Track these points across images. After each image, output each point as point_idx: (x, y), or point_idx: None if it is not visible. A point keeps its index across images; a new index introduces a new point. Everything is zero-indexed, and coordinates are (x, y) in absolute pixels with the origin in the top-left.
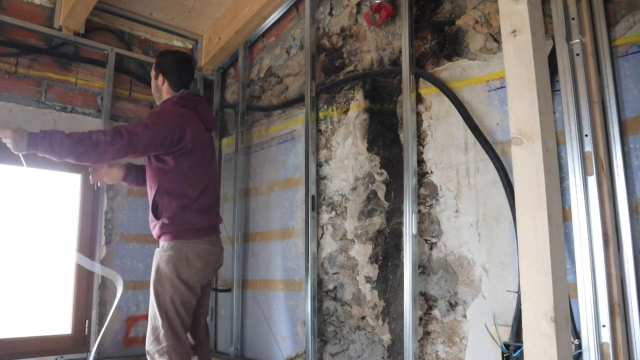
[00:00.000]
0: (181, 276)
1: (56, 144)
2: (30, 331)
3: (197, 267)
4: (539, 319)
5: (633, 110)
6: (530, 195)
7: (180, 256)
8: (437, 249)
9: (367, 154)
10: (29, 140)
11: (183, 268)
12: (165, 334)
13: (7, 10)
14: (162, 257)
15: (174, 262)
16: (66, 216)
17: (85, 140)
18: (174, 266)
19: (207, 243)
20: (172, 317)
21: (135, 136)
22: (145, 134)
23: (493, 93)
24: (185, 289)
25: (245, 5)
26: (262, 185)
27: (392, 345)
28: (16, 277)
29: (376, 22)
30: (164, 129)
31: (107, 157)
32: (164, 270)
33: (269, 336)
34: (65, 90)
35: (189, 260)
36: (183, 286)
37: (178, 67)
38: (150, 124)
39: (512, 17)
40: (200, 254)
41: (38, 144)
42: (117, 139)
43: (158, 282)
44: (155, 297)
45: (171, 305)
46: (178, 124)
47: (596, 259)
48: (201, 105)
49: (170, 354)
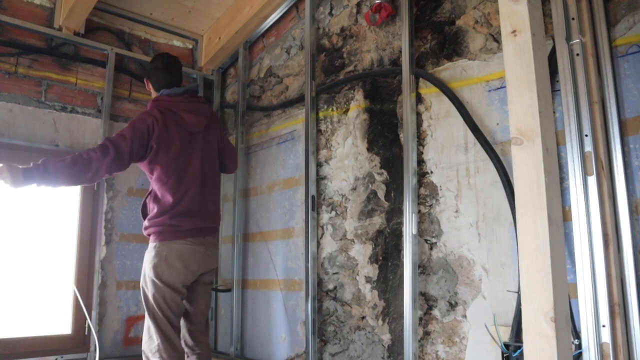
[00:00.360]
0: (161, 277)
1: (52, 171)
2: (30, 331)
3: (177, 268)
4: (539, 319)
5: (633, 110)
6: (530, 195)
7: (159, 257)
8: (437, 249)
9: (367, 154)
10: (25, 174)
11: (163, 268)
12: (156, 332)
13: (7, 10)
14: (146, 257)
15: (153, 262)
16: (66, 216)
17: (78, 160)
18: (153, 266)
19: (190, 244)
20: (158, 316)
21: (118, 148)
22: (123, 145)
23: (493, 93)
24: (166, 288)
25: (245, 5)
26: (262, 185)
27: (392, 345)
28: (16, 277)
29: (376, 22)
30: (135, 137)
31: (102, 172)
32: (146, 270)
33: (269, 336)
34: (65, 90)
35: (167, 261)
36: (164, 286)
37: (158, 69)
38: (125, 134)
39: (512, 17)
40: (180, 255)
41: (34, 175)
42: (106, 153)
43: (143, 282)
44: (143, 297)
45: (155, 305)
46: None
47: (596, 259)
48: (180, 105)
49: (161, 352)
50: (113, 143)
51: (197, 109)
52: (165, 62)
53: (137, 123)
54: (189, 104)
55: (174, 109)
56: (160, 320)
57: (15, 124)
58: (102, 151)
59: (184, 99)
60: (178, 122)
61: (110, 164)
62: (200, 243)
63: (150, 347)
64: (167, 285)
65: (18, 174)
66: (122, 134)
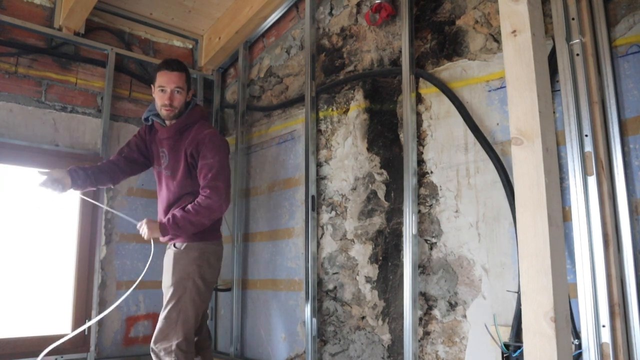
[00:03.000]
0: (205, 277)
1: (181, 225)
2: (30, 331)
3: (216, 268)
4: (539, 319)
5: (633, 110)
6: (530, 195)
7: (203, 257)
8: (437, 249)
9: (367, 154)
10: (161, 229)
11: (206, 269)
12: (180, 331)
13: (7, 10)
14: (183, 257)
15: (198, 262)
16: (66, 216)
17: (201, 213)
18: (199, 266)
19: (221, 245)
20: (190, 318)
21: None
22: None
23: (493, 93)
24: (206, 290)
25: (245, 5)
26: (262, 185)
27: (392, 345)
28: (16, 277)
29: (376, 22)
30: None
31: (216, 215)
32: (189, 270)
33: (269, 336)
34: (65, 90)
35: (210, 261)
36: (205, 287)
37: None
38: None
39: (512, 17)
40: (218, 255)
41: (169, 230)
42: (215, 196)
43: (179, 282)
44: (176, 297)
45: (192, 306)
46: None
47: (596, 259)
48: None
49: (177, 353)
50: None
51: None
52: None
53: (225, 149)
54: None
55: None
56: (189, 321)
57: (15, 124)
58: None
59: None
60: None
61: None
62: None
63: (164, 347)
64: (208, 287)
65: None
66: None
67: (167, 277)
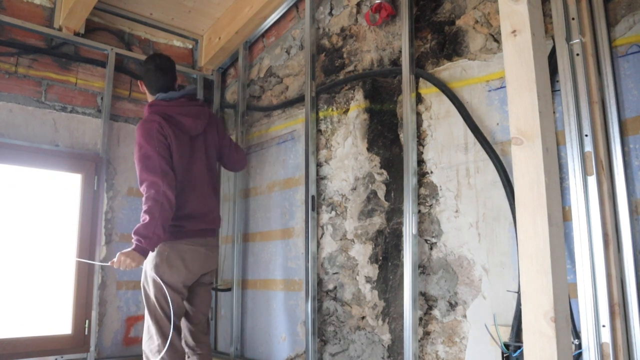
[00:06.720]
0: (162, 276)
1: (149, 235)
2: (30, 331)
3: (178, 268)
4: (539, 319)
5: (633, 110)
6: (530, 195)
7: (161, 256)
8: (437, 249)
9: (367, 154)
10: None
11: (164, 268)
12: (157, 332)
13: (7, 10)
14: (148, 258)
15: (155, 262)
16: (66, 216)
17: (152, 209)
18: (155, 266)
19: (191, 244)
20: (159, 316)
21: (159, 171)
22: (157, 163)
23: (493, 93)
24: (167, 288)
25: (245, 5)
26: (262, 185)
27: (392, 345)
28: (16, 277)
29: (376, 22)
30: (156, 146)
31: (168, 197)
32: (147, 269)
33: (269, 336)
34: (65, 90)
35: (169, 261)
36: (165, 286)
37: (150, 70)
38: (149, 154)
39: (512, 17)
40: (181, 255)
41: (144, 247)
42: (151, 189)
43: (144, 282)
44: (144, 297)
45: (157, 304)
46: (155, 131)
47: (596, 259)
48: (177, 109)
49: (162, 352)
50: (151, 172)
51: (195, 112)
52: (157, 64)
53: (145, 134)
54: (187, 107)
55: (171, 113)
56: (161, 321)
57: (15, 124)
58: (152, 188)
59: (181, 103)
60: (177, 126)
61: (165, 191)
62: (201, 244)
63: (150, 347)
64: (168, 285)
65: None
66: (146, 155)
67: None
